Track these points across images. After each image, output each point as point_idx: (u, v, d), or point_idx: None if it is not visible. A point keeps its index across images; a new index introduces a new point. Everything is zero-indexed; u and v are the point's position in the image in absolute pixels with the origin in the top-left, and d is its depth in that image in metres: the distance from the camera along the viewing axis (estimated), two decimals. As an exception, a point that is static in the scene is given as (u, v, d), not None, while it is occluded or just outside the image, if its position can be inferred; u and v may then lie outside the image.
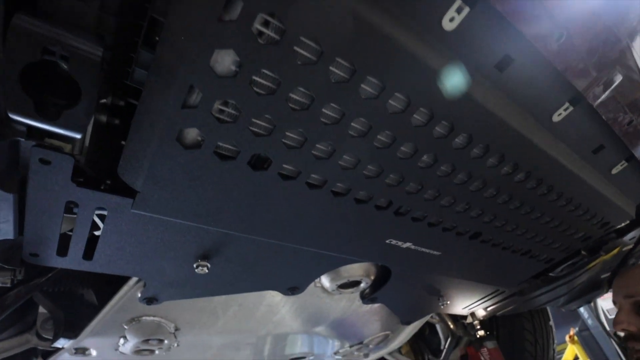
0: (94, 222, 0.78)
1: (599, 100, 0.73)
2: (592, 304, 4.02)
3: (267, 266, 0.98)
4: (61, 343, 1.20)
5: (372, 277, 1.22)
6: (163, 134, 0.58)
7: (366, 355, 2.08)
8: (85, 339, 1.21)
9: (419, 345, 2.56)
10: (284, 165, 0.68)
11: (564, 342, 5.26)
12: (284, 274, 1.04)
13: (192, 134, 0.61)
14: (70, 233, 0.77)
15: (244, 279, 1.02)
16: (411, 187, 0.80)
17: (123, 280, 1.03)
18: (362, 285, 1.24)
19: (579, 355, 4.69)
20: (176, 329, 1.24)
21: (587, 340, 4.52)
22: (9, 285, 0.87)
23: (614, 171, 0.99)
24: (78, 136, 0.56)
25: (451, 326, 2.21)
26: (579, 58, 0.66)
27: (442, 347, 2.32)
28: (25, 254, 0.79)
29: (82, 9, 0.51)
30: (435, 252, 1.06)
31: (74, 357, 1.35)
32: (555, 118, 0.77)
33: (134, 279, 1.01)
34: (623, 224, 1.30)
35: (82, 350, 1.30)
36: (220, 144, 0.62)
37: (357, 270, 1.16)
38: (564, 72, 0.67)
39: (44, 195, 0.66)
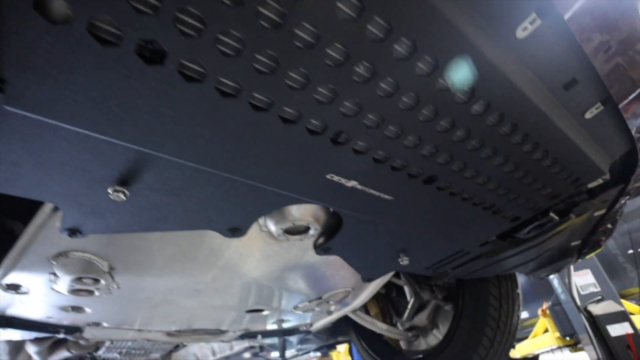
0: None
1: (572, 10, 0.62)
2: (566, 279, 4.06)
3: (198, 199, 0.89)
4: (-16, 276, 1.12)
5: (321, 223, 1.13)
6: (15, -2, 0.46)
7: (329, 313, 2.06)
8: (12, 274, 1.13)
9: (387, 307, 2.56)
10: (185, 63, 0.57)
11: (537, 315, 5.39)
12: (220, 211, 0.95)
13: (59, 5, 0.49)
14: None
15: (173, 213, 0.92)
16: (347, 108, 0.69)
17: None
18: (312, 232, 1.15)
19: (549, 328, 4.82)
20: (111, 268, 1.16)
21: (558, 314, 4.64)
22: None
23: (588, 115, 0.89)
24: None
25: (417, 288, 2.18)
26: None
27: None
28: None
29: None
30: (386, 197, 0.97)
31: (10, 295, 1.28)
32: (520, 34, 0.66)
33: (50, 206, 0.92)
34: (595, 183, 1.22)
35: (13, 287, 1.23)
36: (96, 22, 0.51)
37: (303, 213, 1.07)
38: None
39: None
